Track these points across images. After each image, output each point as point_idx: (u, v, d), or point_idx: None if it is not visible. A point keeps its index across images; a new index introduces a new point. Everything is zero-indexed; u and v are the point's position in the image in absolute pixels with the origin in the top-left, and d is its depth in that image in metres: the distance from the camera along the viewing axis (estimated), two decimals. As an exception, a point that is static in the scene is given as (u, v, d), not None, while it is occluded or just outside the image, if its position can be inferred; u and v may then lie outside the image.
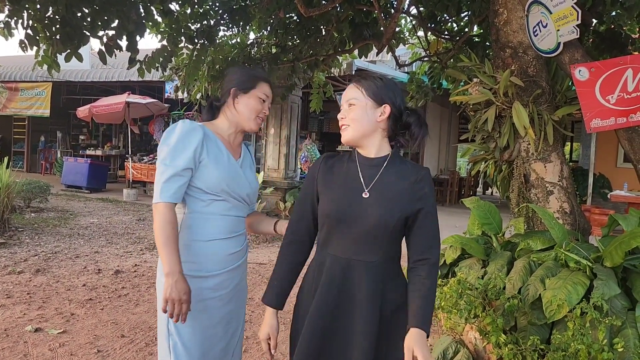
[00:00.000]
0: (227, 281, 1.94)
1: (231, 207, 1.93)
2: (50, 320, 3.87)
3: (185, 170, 1.81)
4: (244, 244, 2.05)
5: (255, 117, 1.98)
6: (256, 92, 1.97)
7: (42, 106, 15.10)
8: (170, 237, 1.76)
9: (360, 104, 1.66)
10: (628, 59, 3.04)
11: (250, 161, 2.12)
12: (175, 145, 1.82)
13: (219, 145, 1.92)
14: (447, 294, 2.69)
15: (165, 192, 1.79)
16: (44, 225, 7.81)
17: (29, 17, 4.42)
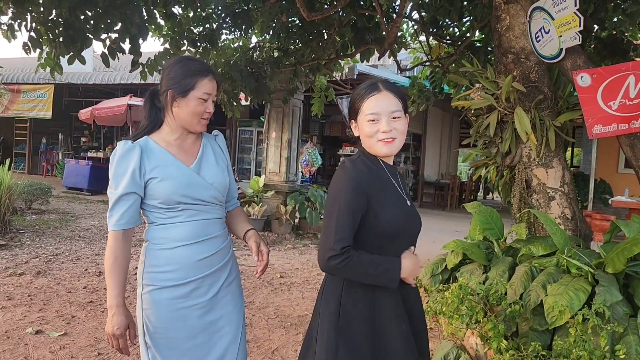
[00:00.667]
0: (202, 289, 1.82)
1: (196, 213, 1.82)
2: (51, 323, 3.87)
3: (127, 195, 1.74)
4: (221, 246, 1.90)
5: (198, 121, 1.83)
6: (195, 93, 1.79)
7: (44, 108, 15.13)
8: (112, 271, 1.72)
9: (402, 117, 1.65)
10: (630, 65, 3.04)
11: (215, 155, 1.94)
12: (115, 171, 1.77)
13: (164, 157, 1.80)
14: (449, 299, 2.68)
15: (111, 220, 1.76)
16: (45, 227, 7.81)
17: (32, 19, 4.44)
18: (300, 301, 4.71)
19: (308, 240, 7.90)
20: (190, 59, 1.90)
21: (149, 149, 1.79)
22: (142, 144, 1.80)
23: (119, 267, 1.73)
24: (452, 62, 5.75)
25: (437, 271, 3.35)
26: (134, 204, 1.77)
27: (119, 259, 1.73)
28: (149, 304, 1.80)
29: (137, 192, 1.76)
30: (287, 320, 4.12)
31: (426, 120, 14.30)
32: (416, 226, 1.68)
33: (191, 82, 1.78)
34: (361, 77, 10.18)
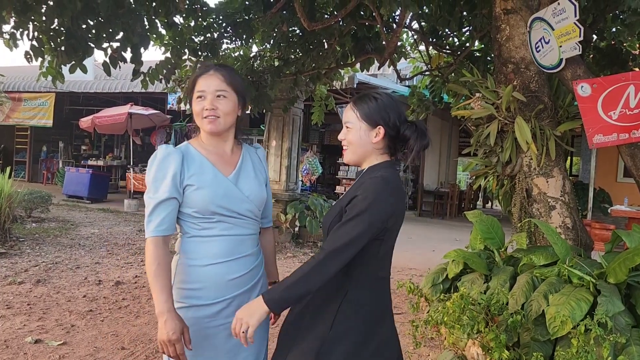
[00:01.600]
0: (230, 309, 1.75)
1: (231, 227, 1.77)
2: (51, 332, 3.85)
3: (168, 200, 1.70)
4: (253, 265, 1.85)
5: (201, 120, 1.80)
6: (194, 94, 1.81)
7: (45, 116, 15.16)
8: (157, 276, 1.66)
9: (354, 127, 1.69)
10: (630, 75, 3.06)
11: (255, 168, 1.91)
12: (155, 176, 1.72)
13: (203, 164, 1.77)
14: (450, 309, 2.67)
15: (149, 226, 1.70)
16: (44, 235, 7.80)
17: (34, 28, 4.46)
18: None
19: (308, 249, 7.89)
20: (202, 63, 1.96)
21: (189, 155, 1.77)
22: (183, 149, 1.79)
23: (163, 271, 1.67)
24: (452, 72, 5.78)
25: (438, 281, 3.34)
26: (174, 209, 1.73)
27: (162, 264, 1.68)
28: None
29: (177, 198, 1.72)
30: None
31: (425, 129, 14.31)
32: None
33: (192, 85, 1.81)
34: (361, 86, 10.21)
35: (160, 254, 1.68)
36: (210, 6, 5.36)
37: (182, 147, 1.80)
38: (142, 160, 15.06)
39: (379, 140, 1.68)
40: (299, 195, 8.87)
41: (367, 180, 1.63)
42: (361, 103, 1.70)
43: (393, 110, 1.70)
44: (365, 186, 1.61)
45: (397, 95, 10.76)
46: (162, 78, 5.31)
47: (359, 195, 1.59)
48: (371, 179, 1.63)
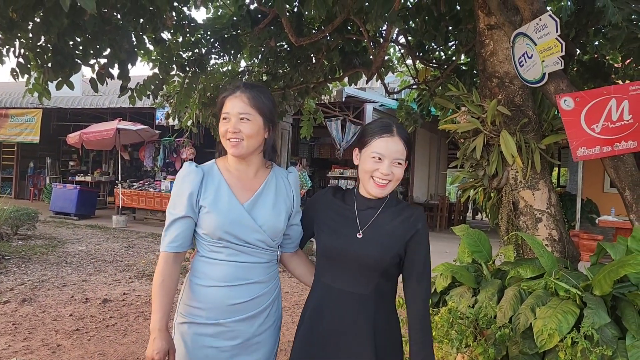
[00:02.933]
0: (230, 333, 1.74)
1: (237, 254, 1.75)
2: (36, 352, 3.79)
3: (183, 218, 1.72)
4: (261, 292, 1.80)
5: (225, 142, 1.78)
6: (221, 114, 1.81)
7: (31, 132, 15.06)
8: (158, 292, 1.68)
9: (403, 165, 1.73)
10: (612, 89, 3.10)
11: (277, 195, 1.84)
12: (175, 192, 1.75)
13: (220, 186, 1.76)
14: (438, 323, 2.68)
15: (164, 241, 1.73)
16: (31, 253, 7.71)
17: (20, 45, 4.44)
18: (289, 325, 4.67)
19: (298, 263, 7.87)
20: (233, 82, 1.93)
21: (210, 175, 1.78)
22: (207, 169, 1.79)
23: (165, 289, 1.69)
24: (439, 85, 5.83)
25: (427, 294, 3.34)
26: (189, 228, 1.74)
27: (166, 281, 1.69)
28: (178, 335, 1.77)
29: (192, 217, 1.73)
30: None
31: (414, 142, 14.42)
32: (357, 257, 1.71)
33: (219, 105, 1.81)
34: (350, 100, 10.27)
35: (168, 270, 1.70)
36: (198, 22, 5.39)
37: (206, 166, 1.80)
38: (131, 176, 14.99)
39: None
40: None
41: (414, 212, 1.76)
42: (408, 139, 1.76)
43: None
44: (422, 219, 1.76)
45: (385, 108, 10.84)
46: (150, 94, 5.31)
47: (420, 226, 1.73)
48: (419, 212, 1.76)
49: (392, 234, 1.71)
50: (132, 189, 12.61)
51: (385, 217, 1.74)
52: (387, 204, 1.76)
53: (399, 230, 1.71)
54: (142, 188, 12.60)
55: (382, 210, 1.75)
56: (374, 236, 1.70)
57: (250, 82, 1.93)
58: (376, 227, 1.72)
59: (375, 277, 1.70)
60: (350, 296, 1.70)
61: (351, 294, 1.69)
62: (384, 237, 1.70)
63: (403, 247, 1.70)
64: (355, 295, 1.69)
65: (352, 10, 4.52)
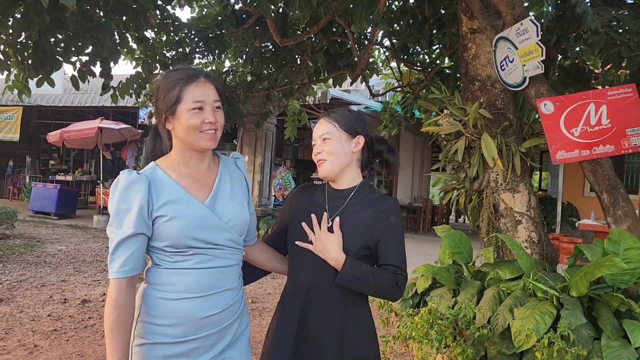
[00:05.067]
0: (200, 349, 1.53)
1: (210, 259, 1.53)
2: (13, 352, 3.73)
3: (134, 236, 1.46)
4: (233, 300, 1.60)
5: (199, 136, 1.52)
6: (184, 105, 1.51)
7: (11, 130, 14.81)
8: (114, 328, 1.42)
9: (335, 137, 1.68)
10: (590, 93, 3.16)
11: (233, 185, 1.65)
12: (118, 207, 1.48)
13: (174, 190, 1.52)
14: (418, 323, 2.69)
15: (112, 266, 1.46)
16: (9, 252, 7.58)
17: (0, 41, 4.38)
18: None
19: (281, 265, 7.85)
20: (174, 69, 1.60)
21: (157, 181, 1.52)
22: (149, 174, 1.53)
23: (122, 323, 1.43)
24: (423, 88, 5.88)
25: (408, 296, 3.36)
26: (141, 246, 1.49)
27: (122, 314, 1.43)
28: (139, 358, 1.52)
29: (145, 233, 1.48)
30: (258, 347, 4.05)
31: (398, 145, 14.49)
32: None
33: (174, 95, 1.51)
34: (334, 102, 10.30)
35: (122, 301, 1.44)
36: (182, 21, 5.36)
37: (147, 172, 1.53)
38: (113, 176, 14.81)
39: (359, 150, 1.71)
40: (272, 210, 8.85)
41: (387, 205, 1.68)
42: (338, 115, 1.72)
43: (368, 123, 1.76)
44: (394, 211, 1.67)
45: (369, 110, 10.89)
46: (132, 92, 5.27)
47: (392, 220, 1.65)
48: (392, 205, 1.69)
49: (360, 224, 1.64)
50: (114, 188, 12.50)
51: (355, 207, 1.67)
52: (358, 192, 1.70)
53: (369, 222, 1.64)
54: (124, 188, 12.51)
55: (351, 199, 1.68)
56: (341, 226, 1.64)
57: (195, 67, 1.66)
58: (344, 217, 1.66)
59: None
60: (316, 289, 1.65)
61: (317, 287, 1.65)
62: (351, 226, 1.64)
63: (373, 241, 1.62)
64: (320, 289, 1.64)
65: (336, 12, 4.54)
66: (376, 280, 1.57)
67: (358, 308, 1.67)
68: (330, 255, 1.59)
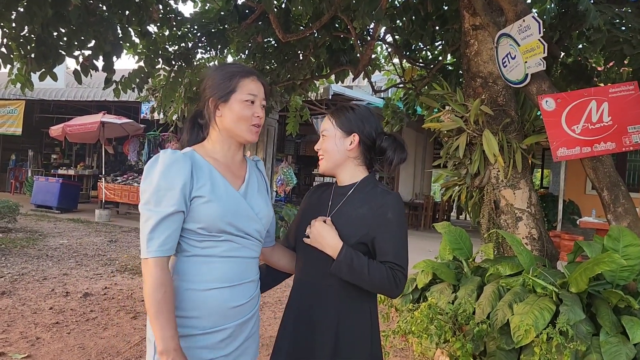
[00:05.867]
0: (227, 340, 1.54)
1: (238, 248, 1.55)
2: (15, 345, 3.76)
3: (175, 214, 1.45)
4: (254, 293, 1.63)
5: (247, 127, 1.58)
6: (238, 95, 1.57)
7: (14, 124, 14.84)
8: (163, 306, 1.41)
9: (330, 135, 1.72)
10: (592, 91, 3.16)
11: (259, 183, 1.71)
12: (159, 184, 1.46)
13: (213, 175, 1.54)
14: (418, 318, 2.71)
15: (152, 244, 1.43)
16: (11, 246, 7.61)
17: (3, 35, 4.39)
18: (272, 321, 4.68)
19: (282, 260, 7.87)
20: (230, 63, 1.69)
21: (196, 163, 1.53)
22: (189, 155, 1.54)
23: (169, 301, 1.42)
24: (425, 85, 5.88)
25: (408, 291, 3.38)
26: (180, 225, 1.48)
27: (169, 292, 1.43)
28: None
29: (184, 211, 1.48)
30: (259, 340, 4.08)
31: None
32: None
33: (231, 84, 1.57)
34: (336, 98, 10.30)
35: (167, 278, 1.44)
36: (184, 16, 5.36)
37: (188, 153, 1.55)
38: (114, 170, 14.85)
39: (354, 148, 1.71)
40: (273, 205, 8.86)
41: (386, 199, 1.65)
42: (338, 113, 1.74)
43: (368, 121, 1.74)
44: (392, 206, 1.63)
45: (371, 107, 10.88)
46: (135, 87, 5.27)
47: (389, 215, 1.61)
48: (392, 199, 1.64)
49: (356, 220, 1.64)
50: (116, 183, 12.50)
51: (354, 202, 1.67)
52: (358, 188, 1.70)
53: (366, 217, 1.63)
54: (125, 182, 12.51)
55: (350, 195, 1.69)
56: (337, 221, 1.65)
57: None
58: (342, 212, 1.67)
59: None
60: (313, 287, 1.67)
61: (314, 284, 1.66)
62: (347, 222, 1.64)
63: (369, 237, 1.61)
64: (318, 286, 1.65)
65: (339, 8, 4.54)
66: (372, 272, 1.56)
67: (354, 307, 1.66)
68: (327, 242, 1.60)
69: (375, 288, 1.62)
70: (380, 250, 1.61)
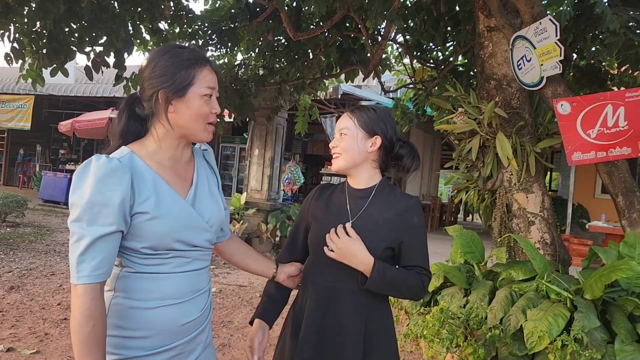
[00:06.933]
0: (178, 357, 1.39)
1: (188, 262, 1.38)
2: (23, 340, 3.76)
3: (112, 234, 1.24)
4: (206, 303, 1.47)
5: (204, 126, 1.38)
6: (197, 89, 1.35)
7: (23, 119, 14.91)
8: (90, 343, 1.20)
9: (351, 134, 1.66)
10: (608, 95, 3.12)
11: (209, 180, 1.50)
12: (92, 199, 1.22)
13: (157, 185, 1.32)
14: (429, 322, 2.68)
15: (83, 269, 1.21)
16: (19, 240, 7.64)
17: (15, 30, 4.39)
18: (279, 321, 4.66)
19: (288, 259, 7.86)
20: (179, 46, 1.41)
21: (137, 172, 1.30)
22: (127, 161, 1.30)
23: (99, 337, 1.22)
24: (435, 86, 5.84)
25: (418, 294, 3.35)
26: (117, 246, 1.27)
27: (98, 325, 1.22)
28: None
29: (123, 230, 1.27)
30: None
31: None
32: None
33: (188, 76, 1.34)
34: (345, 97, 10.27)
35: (98, 310, 1.22)
36: (195, 13, 5.35)
37: (125, 159, 1.31)
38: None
39: (374, 151, 1.67)
40: (281, 205, 8.85)
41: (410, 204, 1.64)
42: (360, 112, 1.70)
43: (390, 125, 1.71)
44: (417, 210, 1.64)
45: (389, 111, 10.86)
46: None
47: (415, 220, 1.61)
48: (415, 204, 1.65)
49: (384, 225, 1.61)
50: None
51: (376, 207, 1.65)
52: (378, 191, 1.67)
53: (393, 222, 1.60)
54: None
55: (372, 199, 1.66)
56: (364, 226, 1.61)
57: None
58: (366, 216, 1.63)
59: None
60: (341, 292, 1.61)
61: (342, 290, 1.61)
62: (375, 227, 1.61)
63: (397, 241, 1.59)
64: (346, 291, 1.60)
65: (351, 7, 4.51)
66: (404, 283, 1.56)
67: (381, 309, 1.65)
68: (358, 261, 1.56)
69: (405, 295, 1.63)
70: (408, 255, 1.60)
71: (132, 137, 1.40)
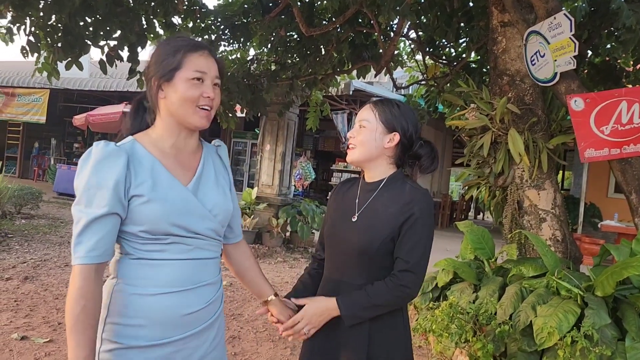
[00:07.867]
0: (181, 353, 1.36)
1: (190, 249, 1.37)
2: (37, 329, 3.82)
3: (107, 216, 1.26)
4: (214, 297, 1.45)
5: (194, 110, 1.37)
6: (183, 73, 1.35)
7: (38, 112, 15.09)
8: (79, 321, 1.22)
9: (370, 127, 1.64)
10: (623, 91, 3.10)
11: (217, 173, 1.51)
12: (89, 182, 1.27)
13: (155, 170, 1.34)
14: (439, 317, 2.69)
15: (79, 250, 1.24)
16: (34, 232, 7.74)
17: (31, 23, 4.45)
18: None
19: (298, 254, 7.88)
20: (177, 36, 1.43)
21: (136, 157, 1.34)
22: (128, 148, 1.35)
23: (89, 316, 1.23)
24: (447, 82, 5.82)
25: (428, 289, 3.35)
26: (114, 229, 1.29)
27: (89, 306, 1.23)
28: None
29: (119, 213, 1.29)
30: (276, 334, 4.09)
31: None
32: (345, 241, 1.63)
33: (175, 60, 1.35)
34: (357, 94, 10.25)
35: (89, 290, 1.24)
36: (208, 8, 5.38)
37: (126, 145, 1.36)
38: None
39: (391, 147, 1.65)
40: (291, 200, 8.87)
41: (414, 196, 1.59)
42: (383, 106, 1.66)
43: (412, 123, 1.67)
44: (420, 202, 1.58)
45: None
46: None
47: (415, 211, 1.56)
48: (421, 195, 1.59)
49: (386, 218, 1.58)
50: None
51: (382, 200, 1.62)
52: (387, 184, 1.64)
53: (394, 216, 1.57)
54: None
55: (379, 193, 1.64)
56: (366, 219, 1.60)
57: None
58: (370, 209, 1.62)
59: (367, 264, 1.59)
60: (345, 286, 1.61)
61: (346, 284, 1.60)
62: (376, 220, 1.59)
63: (397, 232, 1.56)
64: (350, 286, 1.59)
65: (364, 3, 4.50)
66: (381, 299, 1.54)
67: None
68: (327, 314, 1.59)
69: (393, 306, 1.59)
70: (399, 244, 1.56)
71: (142, 128, 1.45)
